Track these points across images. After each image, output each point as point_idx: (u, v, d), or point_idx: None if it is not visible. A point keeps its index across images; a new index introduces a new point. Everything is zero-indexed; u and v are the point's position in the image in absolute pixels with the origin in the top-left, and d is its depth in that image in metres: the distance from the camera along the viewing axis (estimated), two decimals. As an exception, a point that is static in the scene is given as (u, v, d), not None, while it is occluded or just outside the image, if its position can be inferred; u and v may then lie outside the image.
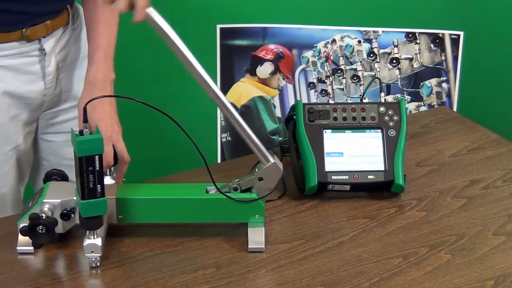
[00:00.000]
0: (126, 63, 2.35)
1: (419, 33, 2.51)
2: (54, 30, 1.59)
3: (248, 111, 2.48)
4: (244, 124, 1.35)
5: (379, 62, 2.52)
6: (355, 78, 2.52)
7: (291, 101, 2.51)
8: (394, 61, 2.52)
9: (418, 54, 2.52)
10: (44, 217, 1.33)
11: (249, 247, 1.39)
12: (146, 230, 1.44)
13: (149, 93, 2.37)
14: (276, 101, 2.51)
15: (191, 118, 2.46)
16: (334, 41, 2.51)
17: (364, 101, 1.67)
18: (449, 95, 2.54)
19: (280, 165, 1.38)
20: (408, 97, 2.53)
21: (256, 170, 1.39)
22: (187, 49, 1.32)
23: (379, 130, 1.57)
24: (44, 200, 1.35)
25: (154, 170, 2.24)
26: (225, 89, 2.48)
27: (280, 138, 2.44)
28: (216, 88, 1.32)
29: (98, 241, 1.31)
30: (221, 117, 2.48)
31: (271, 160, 1.37)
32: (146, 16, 1.28)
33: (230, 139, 2.49)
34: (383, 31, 2.51)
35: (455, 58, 2.52)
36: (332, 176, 1.54)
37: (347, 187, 1.55)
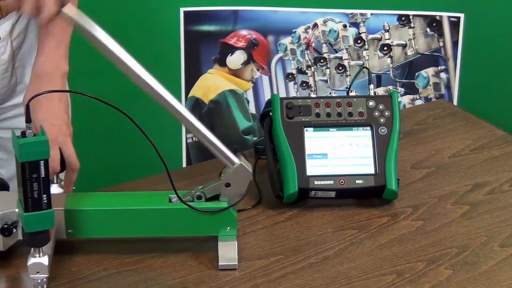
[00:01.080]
0: (77, 53, 2.35)
1: (414, 15, 2.53)
2: (9, 12, 1.59)
3: (217, 107, 2.48)
4: (198, 124, 1.33)
5: (367, 49, 2.54)
6: (340, 68, 2.54)
7: (266, 95, 2.52)
8: (385, 48, 2.54)
9: (413, 40, 2.54)
10: (-19, 233, 1.33)
11: (219, 264, 1.39)
12: (100, 246, 1.43)
13: (104, 88, 2.36)
14: (250, 96, 2.52)
15: (151, 116, 2.46)
16: (315, 25, 2.52)
17: (351, 94, 1.68)
18: (448, 86, 2.56)
19: (248, 166, 1.39)
20: (401, 90, 2.54)
21: (222, 175, 1.40)
22: (119, 48, 1.27)
23: (368, 128, 1.58)
24: (-19, 213, 1.35)
25: (109, 177, 2.24)
26: (190, 82, 2.48)
27: (255, 138, 2.45)
28: (159, 87, 1.30)
29: (45, 260, 1.31)
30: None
31: (237, 162, 1.38)
32: (63, 15, 1.25)
33: (196, 140, 2.48)
34: (372, 14, 2.53)
35: (454, 44, 2.54)
36: (315, 181, 1.54)
37: (332, 194, 1.56)
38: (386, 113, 1.59)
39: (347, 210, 1.56)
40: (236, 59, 2.50)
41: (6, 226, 1.34)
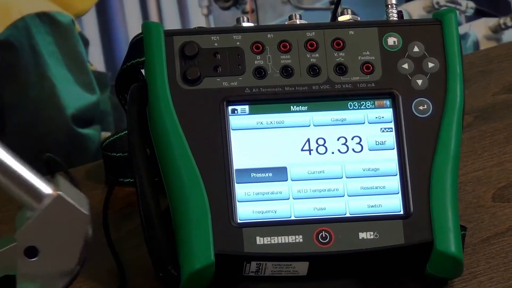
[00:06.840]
0: None
1: None
2: None
3: (9, 57, 2.50)
4: None
5: None
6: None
7: (132, 29, 2.56)
8: None
9: None
10: None
11: None
12: None
13: None
14: (90, 28, 2.55)
15: None
16: None
17: (342, 19, 1.71)
18: None
19: (78, 198, 1.41)
20: (467, 5, 2.59)
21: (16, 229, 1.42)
22: None
23: (387, 101, 1.61)
24: None
25: None
26: None
27: (105, 134, 2.48)
28: None
29: None
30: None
31: (48, 191, 1.41)
32: None
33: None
34: None
35: None
36: (258, 238, 1.56)
37: (303, 268, 1.58)
38: (430, 65, 1.61)
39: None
40: None
41: None
